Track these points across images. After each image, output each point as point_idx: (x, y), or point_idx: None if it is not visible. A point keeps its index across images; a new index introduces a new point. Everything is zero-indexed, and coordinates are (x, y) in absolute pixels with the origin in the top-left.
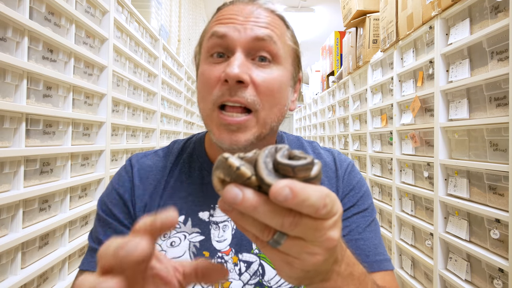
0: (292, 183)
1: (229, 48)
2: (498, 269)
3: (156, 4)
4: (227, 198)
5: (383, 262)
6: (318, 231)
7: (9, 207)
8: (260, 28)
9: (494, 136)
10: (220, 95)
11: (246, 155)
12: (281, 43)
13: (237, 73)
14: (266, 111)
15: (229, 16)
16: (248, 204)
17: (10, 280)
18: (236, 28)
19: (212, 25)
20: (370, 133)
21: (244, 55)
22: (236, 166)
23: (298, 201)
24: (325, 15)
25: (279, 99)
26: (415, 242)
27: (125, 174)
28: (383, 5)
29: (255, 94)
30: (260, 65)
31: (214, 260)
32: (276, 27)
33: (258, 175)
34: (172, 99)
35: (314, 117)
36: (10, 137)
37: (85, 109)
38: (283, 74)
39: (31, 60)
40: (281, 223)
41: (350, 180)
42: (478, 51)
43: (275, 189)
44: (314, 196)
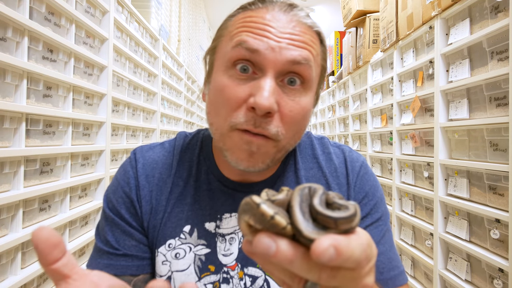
0: (336, 242)
1: (259, 66)
2: (498, 269)
3: (156, 4)
4: (259, 250)
5: (397, 278)
6: (355, 280)
7: (9, 207)
8: (298, 48)
9: (494, 136)
10: (243, 122)
11: (277, 196)
12: (315, 66)
13: (269, 105)
14: (287, 140)
15: (262, 26)
16: (283, 257)
17: (10, 280)
18: (271, 46)
19: (240, 29)
20: (370, 133)
21: (275, 78)
22: (270, 215)
23: (342, 259)
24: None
25: (303, 126)
26: (415, 242)
27: (130, 169)
28: (383, 5)
29: (280, 125)
30: (289, 89)
31: (219, 275)
32: (314, 47)
33: (295, 226)
34: (172, 99)
35: (314, 117)
36: (10, 137)
37: (85, 109)
38: (310, 99)
39: (31, 60)
40: (318, 277)
41: (362, 186)
42: (478, 51)
43: (319, 250)
44: (357, 251)
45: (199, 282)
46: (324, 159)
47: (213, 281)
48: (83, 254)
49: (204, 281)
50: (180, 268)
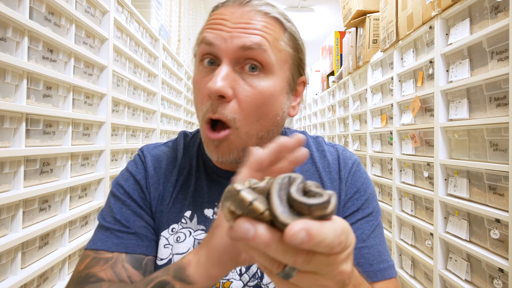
0: (308, 226)
1: (217, 57)
2: (498, 269)
3: (156, 4)
4: (238, 234)
5: (387, 270)
6: (331, 265)
7: (9, 207)
8: (248, 35)
9: (494, 136)
10: (205, 111)
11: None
12: (274, 50)
13: (218, 88)
14: (248, 126)
15: (219, 21)
16: (260, 241)
17: (10, 280)
18: (223, 36)
19: (204, 28)
20: (370, 133)
21: (231, 65)
22: (248, 201)
23: (314, 243)
24: (325, 15)
25: (266, 111)
26: (415, 242)
27: (140, 162)
28: (383, 5)
29: (236, 110)
30: (249, 75)
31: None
32: (269, 32)
33: (272, 212)
34: (172, 99)
35: (314, 117)
36: (10, 137)
37: (85, 109)
38: (274, 84)
39: (31, 60)
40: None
41: (354, 182)
42: (478, 51)
43: (291, 233)
44: (330, 236)
45: None
46: (318, 155)
47: None
48: None
49: None
50: (180, 251)
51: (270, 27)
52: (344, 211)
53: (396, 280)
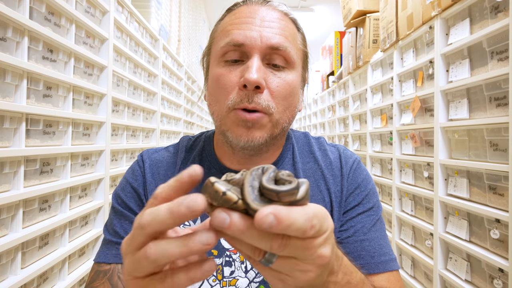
0: (276, 210)
1: (246, 53)
2: (498, 269)
3: (156, 4)
4: (215, 223)
5: (388, 263)
6: (308, 250)
7: (9, 207)
8: (275, 35)
9: (494, 136)
10: (238, 101)
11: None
12: (294, 48)
13: (256, 79)
14: (279, 114)
15: (245, 20)
16: (236, 228)
17: (10, 280)
18: (253, 35)
19: (228, 27)
20: (370, 133)
21: (260, 60)
22: (222, 191)
23: (283, 227)
24: (325, 15)
25: (292, 102)
26: (415, 242)
27: (138, 168)
28: (383, 5)
29: (269, 99)
30: (275, 69)
31: (222, 259)
32: (290, 32)
33: (244, 200)
34: (172, 99)
35: (314, 117)
36: (10, 137)
37: (85, 109)
38: (296, 78)
39: (31, 60)
40: (270, 246)
41: (355, 178)
42: (478, 51)
43: (259, 217)
44: (300, 219)
45: None
46: (320, 154)
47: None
48: (83, 254)
49: None
50: None
51: (290, 27)
52: (345, 206)
53: (398, 273)
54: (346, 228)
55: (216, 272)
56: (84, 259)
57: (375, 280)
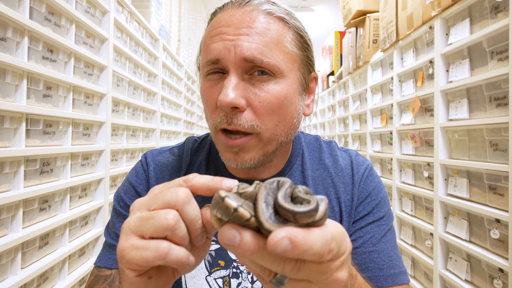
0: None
1: (224, 68)
2: (498, 269)
3: (156, 4)
4: (224, 240)
5: (397, 276)
6: (324, 274)
7: (9, 207)
8: (250, 44)
9: (494, 136)
10: (218, 122)
11: (246, 189)
12: (279, 54)
13: (229, 101)
14: (270, 131)
15: (219, 30)
16: (246, 248)
17: (10, 280)
18: (226, 47)
19: (207, 40)
20: (370, 133)
21: (239, 74)
22: (233, 208)
23: (299, 252)
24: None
25: (283, 114)
26: (415, 242)
27: (142, 172)
28: (383, 5)
29: (253, 118)
30: (259, 81)
31: (229, 270)
32: (272, 36)
33: (257, 218)
34: (172, 99)
35: (314, 117)
36: (10, 137)
37: (85, 109)
38: (286, 87)
39: (31, 60)
40: (282, 269)
41: (366, 186)
42: (478, 51)
43: (273, 241)
44: (318, 244)
45: (209, 277)
46: (331, 160)
47: (223, 276)
48: (83, 254)
49: (214, 276)
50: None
51: (273, 28)
52: (355, 215)
53: (408, 287)
54: (354, 238)
55: (223, 284)
56: (84, 259)
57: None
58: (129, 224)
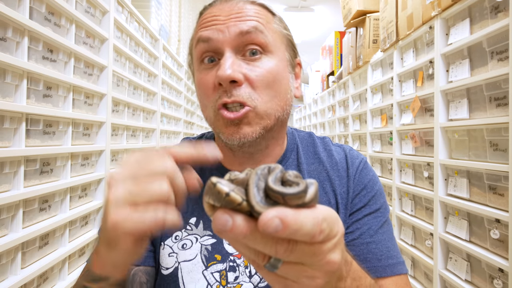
0: (282, 213)
1: (217, 51)
2: (498, 269)
3: (156, 4)
4: (217, 225)
5: (396, 266)
6: (316, 255)
7: (9, 207)
8: (243, 21)
9: (494, 136)
10: (217, 98)
11: (238, 176)
12: (269, 31)
13: (229, 74)
14: (266, 104)
15: (210, 18)
16: (238, 231)
17: (10, 280)
18: (219, 28)
19: (197, 30)
20: (370, 133)
21: (233, 54)
22: (225, 192)
23: (290, 231)
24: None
25: (278, 89)
26: (415, 242)
27: None
28: (383, 5)
29: (250, 91)
30: (251, 60)
31: (226, 264)
32: (260, 16)
33: (249, 202)
34: (172, 99)
35: (314, 117)
36: (10, 137)
37: (85, 109)
38: (277, 63)
39: (31, 60)
40: (275, 251)
41: (361, 179)
42: (478, 51)
43: (263, 221)
44: (308, 224)
45: (206, 271)
46: (326, 155)
47: (219, 270)
48: (83, 254)
49: (211, 270)
50: (187, 258)
51: (260, 12)
52: (351, 208)
53: (407, 276)
54: (351, 230)
55: (220, 278)
56: (84, 259)
57: (382, 284)
58: (118, 195)
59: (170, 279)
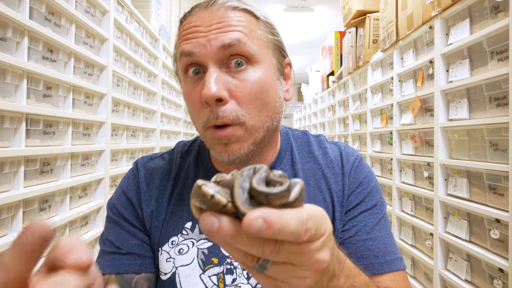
0: (265, 213)
1: (201, 64)
2: (498, 269)
3: (156, 4)
4: (204, 227)
5: (393, 262)
6: (304, 255)
7: (9, 207)
8: (225, 33)
9: (494, 136)
10: (206, 120)
11: (224, 177)
12: (253, 40)
13: (213, 93)
14: (254, 118)
15: (191, 29)
16: (225, 233)
17: None
18: (200, 42)
19: (179, 42)
20: (370, 133)
21: (217, 68)
22: (210, 195)
23: (274, 231)
24: (325, 15)
25: (266, 99)
26: (415, 242)
27: (133, 177)
28: (383, 5)
29: (236, 108)
30: (236, 72)
31: (223, 267)
32: (243, 25)
33: (234, 203)
34: (172, 99)
35: (314, 117)
36: (10, 137)
37: (85, 109)
38: (264, 72)
39: (31, 60)
40: (262, 252)
41: (357, 176)
42: (478, 51)
43: (246, 221)
44: (292, 223)
45: (203, 275)
46: (320, 153)
47: (217, 273)
48: None
49: (208, 273)
50: (184, 263)
51: (242, 19)
52: (347, 205)
53: (404, 272)
54: (348, 227)
55: (218, 281)
56: None
57: (380, 280)
58: None
59: (168, 284)
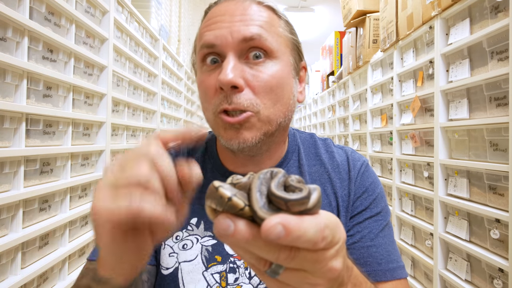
0: (285, 219)
1: (221, 54)
2: (498, 269)
3: (156, 4)
4: (218, 230)
5: (396, 270)
6: (319, 262)
7: (9, 207)
8: (247, 27)
9: (494, 136)
10: (218, 104)
11: (240, 180)
12: (274, 36)
13: (230, 79)
14: (268, 109)
15: (215, 20)
16: (240, 237)
17: (10, 280)
18: (223, 34)
19: (202, 31)
20: (370, 133)
21: (236, 57)
22: (227, 197)
23: (292, 238)
24: (325, 15)
25: (281, 94)
26: (415, 242)
27: None
28: (383, 5)
29: (252, 97)
30: (254, 63)
31: (226, 265)
32: (266, 20)
33: (251, 207)
34: (172, 99)
35: (314, 117)
36: (10, 137)
37: (85, 109)
38: (281, 68)
39: (31, 60)
40: (276, 257)
41: (363, 182)
42: (478, 51)
43: (266, 227)
44: (311, 230)
45: (206, 272)
46: (327, 157)
47: (220, 271)
48: (83, 254)
49: (211, 271)
50: (187, 259)
51: (265, 15)
52: (352, 210)
53: (406, 281)
54: (352, 233)
55: (220, 279)
56: (84, 259)
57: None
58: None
59: (170, 279)
